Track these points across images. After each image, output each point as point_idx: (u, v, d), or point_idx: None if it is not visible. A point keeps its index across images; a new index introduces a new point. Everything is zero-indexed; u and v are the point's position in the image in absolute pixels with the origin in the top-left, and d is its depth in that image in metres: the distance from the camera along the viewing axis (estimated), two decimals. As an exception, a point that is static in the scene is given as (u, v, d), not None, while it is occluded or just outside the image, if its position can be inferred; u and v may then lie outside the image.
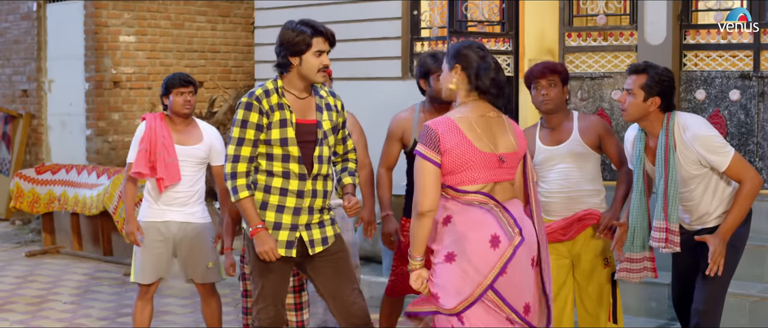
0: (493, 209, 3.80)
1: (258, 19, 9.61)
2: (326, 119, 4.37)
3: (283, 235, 4.31)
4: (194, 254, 5.45)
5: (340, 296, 4.40)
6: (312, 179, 4.32)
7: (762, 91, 6.48)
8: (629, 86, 4.41)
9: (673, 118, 4.39)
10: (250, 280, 5.23)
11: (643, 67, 4.44)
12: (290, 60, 4.31)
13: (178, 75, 5.41)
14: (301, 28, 4.30)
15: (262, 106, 4.27)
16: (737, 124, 6.57)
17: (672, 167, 4.36)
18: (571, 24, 7.33)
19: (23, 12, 11.73)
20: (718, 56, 6.69)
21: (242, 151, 4.26)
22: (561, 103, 4.83)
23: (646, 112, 4.40)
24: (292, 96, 4.34)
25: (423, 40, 8.29)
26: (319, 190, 4.35)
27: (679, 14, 6.76)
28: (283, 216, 4.30)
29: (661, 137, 4.39)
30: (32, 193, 9.40)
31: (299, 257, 4.38)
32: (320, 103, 4.39)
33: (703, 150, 4.31)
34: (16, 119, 11.59)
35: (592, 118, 4.94)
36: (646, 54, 6.83)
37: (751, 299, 5.77)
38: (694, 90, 6.75)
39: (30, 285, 7.98)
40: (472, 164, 3.78)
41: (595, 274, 4.88)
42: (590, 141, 4.82)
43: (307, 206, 4.33)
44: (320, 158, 4.34)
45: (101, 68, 10.67)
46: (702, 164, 4.35)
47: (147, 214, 5.44)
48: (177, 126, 5.42)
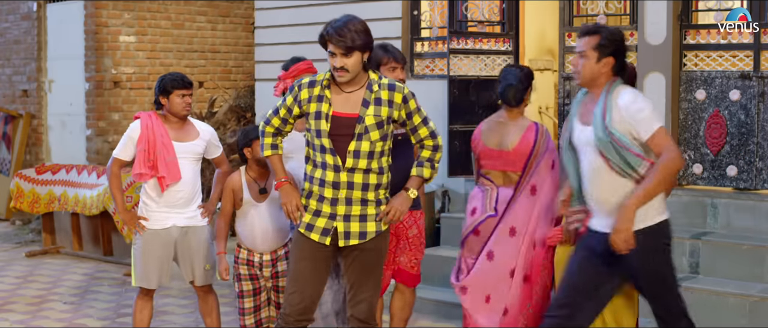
0: (486, 190, 5.14)
1: (258, 19, 9.62)
2: (370, 114, 4.38)
3: (320, 222, 4.44)
4: (194, 256, 5.45)
5: (356, 290, 4.52)
6: (347, 171, 4.38)
7: (762, 91, 6.48)
8: (582, 48, 4.31)
9: (615, 86, 4.30)
10: (244, 280, 5.26)
11: (595, 28, 4.34)
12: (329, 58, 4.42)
13: (178, 76, 5.40)
14: (323, 31, 4.43)
15: (299, 95, 4.47)
16: (737, 124, 6.57)
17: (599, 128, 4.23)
18: (571, 24, 7.33)
19: (23, 12, 11.73)
20: (718, 56, 6.69)
21: (274, 119, 4.58)
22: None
23: (599, 74, 4.31)
24: (338, 89, 4.42)
25: (423, 41, 8.29)
26: (357, 183, 4.39)
27: (679, 14, 6.76)
28: (322, 205, 4.44)
29: (600, 100, 4.29)
30: (32, 193, 9.40)
31: (335, 247, 4.47)
32: (369, 98, 4.40)
33: (632, 117, 4.19)
34: (17, 119, 11.59)
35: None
36: (647, 54, 6.84)
37: (751, 299, 5.77)
38: (695, 90, 6.75)
39: (30, 285, 7.98)
40: (481, 155, 5.15)
41: None
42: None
43: (344, 198, 4.40)
44: (356, 153, 4.37)
45: (101, 68, 10.67)
46: (632, 136, 4.21)
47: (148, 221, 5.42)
48: (173, 124, 5.42)
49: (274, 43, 9.29)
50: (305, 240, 4.48)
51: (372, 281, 4.54)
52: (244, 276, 5.25)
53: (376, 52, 5.11)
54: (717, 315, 5.86)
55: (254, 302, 5.27)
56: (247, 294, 5.26)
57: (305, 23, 8.94)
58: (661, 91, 6.80)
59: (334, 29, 4.35)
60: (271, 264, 5.20)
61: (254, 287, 5.26)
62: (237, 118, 10.37)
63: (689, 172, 6.81)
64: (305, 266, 4.47)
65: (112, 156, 5.45)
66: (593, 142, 4.28)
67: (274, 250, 5.21)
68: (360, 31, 4.37)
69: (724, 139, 6.63)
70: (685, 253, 6.31)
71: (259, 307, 5.29)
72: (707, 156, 6.72)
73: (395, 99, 4.43)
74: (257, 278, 5.24)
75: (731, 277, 6.12)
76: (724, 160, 6.65)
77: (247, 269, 5.24)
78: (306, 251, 4.47)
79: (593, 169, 4.32)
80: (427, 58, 8.19)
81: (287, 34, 9.18)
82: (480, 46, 7.85)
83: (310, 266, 4.47)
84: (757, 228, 6.37)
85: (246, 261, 5.24)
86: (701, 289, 5.96)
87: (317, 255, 4.48)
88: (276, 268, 5.21)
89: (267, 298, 5.30)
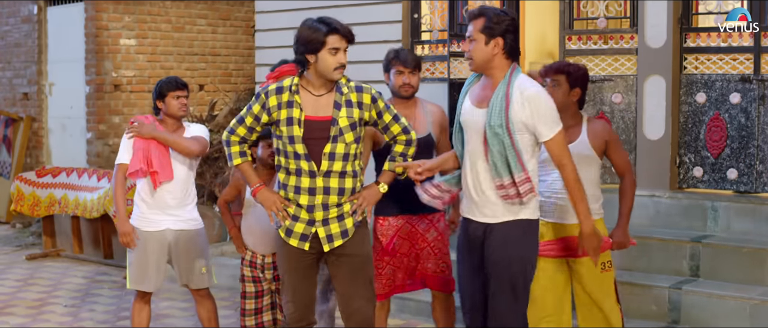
0: None
1: (258, 23, 9.62)
2: (343, 116, 4.37)
3: (298, 227, 4.42)
4: (189, 259, 5.47)
5: (348, 298, 4.48)
6: (323, 176, 4.35)
7: (762, 94, 6.48)
8: (470, 33, 4.26)
9: (517, 74, 4.23)
10: (247, 282, 5.28)
11: (480, 11, 4.27)
12: (307, 58, 4.34)
13: (172, 79, 5.45)
14: (317, 26, 4.32)
15: (267, 102, 4.39)
16: (737, 127, 6.57)
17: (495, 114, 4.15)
18: (571, 27, 7.33)
19: (24, 15, 11.74)
20: (718, 59, 6.69)
21: (239, 128, 4.49)
22: (565, 105, 4.70)
23: (491, 56, 4.22)
24: (307, 93, 4.38)
25: (423, 44, 8.29)
26: (333, 187, 4.37)
27: (679, 17, 6.76)
28: (301, 211, 4.41)
29: (501, 85, 4.20)
30: (33, 196, 9.40)
31: (318, 252, 4.45)
32: (340, 100, 4.38)
33: (534, 112, 4.13)
34: (17, 122, 11.60)
35: (602, 123, 4.85)
36: (647, 57, 6.85)
37: (752, 302, 5.77)
38: (695, 93, 6.75)
39: (30, 288, 7.98)
40: None
41: (597, 282, 4.80)
42: (597, 145, 4.76)
43: (321, 203, 4.38)
44: (331, 155, 4.35)
45: (102, 71, 10.68)
46: (526, 128, 4.15)
47: (142, 223, 5.43)
48: (168, 128, 5.45)
49: (274, 47, 9.28)
50: (288, 248, 4.46)
51: (362, 289, 4.49)
52: (247, 278, 5.27)
53: (387, 55, 5.18)
54: (717, 318, 5.85)
55: (256, 304, 5.28)
56: (250, 296, 5.28)
57: (306, 26, 8.94)
58: (662, 94, 6.80)
59: (341, 25, 4.36)
60: (272, 266, 5.21)
61: (256, 289, 5.27)
62: (237, 121, 10.37)
63: (690, 175, 6.81)
64: (292, 277, 4.49)
65: (116, 163, 5.47)
66: (482, 126, 4.19)
67: (274, 252, 5.21)
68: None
69: (724, 143, 6.63)
70: (686, 256, 6.31)
71: (261, 310, 5.29)
72: (707, 159, 6.72)
73: (364, 100, 4.42)
74: (260, 281, 5.25)
75: (731, 280, 6.11)
76: (724, 163, 6.65)
77: (251, 271, 5.26)
78: (291, 261, 4.47)
79: (473, 153, 4.26)
80: (428, 61, 8.19)
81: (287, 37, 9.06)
82: (480, 49, 7.84)
83: (296, 276, 4.48)
84: (757, 231, 6.37)
85: (249, 263, 5.26)
86: (701, 292, 5.96)
87: (301, 264, 4.47)
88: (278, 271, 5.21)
89: (271, 301, 5.31)
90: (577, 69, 4.78)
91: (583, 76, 4.79)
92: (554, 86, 4.71)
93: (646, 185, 6.81)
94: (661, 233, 6.54)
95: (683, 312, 5.99)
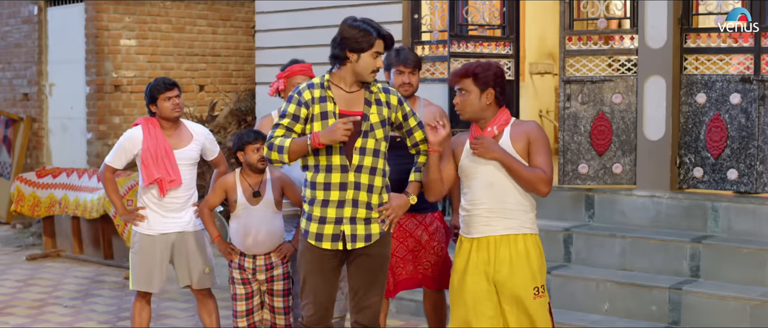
0: None
1: (259, 23, 9.62)
2: (374, 112, 4.40)
3: (328, 229, 4.40)
4: (191, 260, 5.48)
5: (362, 294, 4.52)
6: (354, 170, 4.36)
7: (762, 94, 6.48)
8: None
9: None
10: (237, 284, 5.27)
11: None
12: (348, 55, 4.36)
13: (161, 81, 5.42)
14: (367, 28, 4.37)
15: (302, 98, 4.38)
16: (738, 127, 6.57)
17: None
18: (571, 27, 7.33)
19: (24, 15, 11.74)
20: (718, 60, 6.69)
21: (276, 131, 4.38)
22: (478, 110, 4.35)
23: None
24: (339, 89, 4.41)
25: (424, 44, 8.29)
26: (363, 183, 4.38)
27: (679, 18, 6.76)
28: (328, 210, 4.39)
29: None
30: (33, 196, 9.40)
31: (342, 251, 4.46)
32: (369, 98, 4.43)
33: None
34: (17, 123, 11.59)
35: (528, 123, 4.42)
36: (647, 57, 6.85)
37: (752, 302, 5.77)
38: (695, 94, 6.75)
39: (31, 289, 7.98)
40: None
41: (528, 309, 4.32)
42: (521, 148, 4.32)
43: (351, 199, 4.38)
44: (362, 150, 4.36)
45: (102, 72, 10.68)
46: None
47: (144, 226, 5.44)
48: (167, 131, 5.45)
49: (274, 47, 9.30)
50: (314, 250, 4.45)
51: (377, 287, 4.54)
52: (237, 280, 5.27)
53: (389, 55, 5.19)
54: (718, 319, 5.86)
55: (246, 305, 5.29)
56: (240, 298, 5.28)
57: (305, 27, 8.95)
58: (662, 94, 6.80)
59: (387, 31, 4.44)
60: (265, 269, 5.21)
61: (246, 291, 5.27)
62: (238, 121, 10.37)
63: (690, 175, 6.81)
64: (315, 278, 4.48)
65: (104, 163, 5.47)
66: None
67: (267, 254, 5.21)
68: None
69: (724, 143, 6.63)
70: (686, 256, 6.31)
71: (252, 311, 5.31)
72: (708, 160, 6.72)
73: (391, 101, 4.48)
74: (249, 283, 5.25)
75: (732, 280, 6.12)
76: (724, 163, 6.65)
77: (240, 273, 5.25)
78: (315, 262, 4.46)
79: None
80: (428, 61, 8.19)
81: (287, 37, 9.18)
82: (480, 50, 7.85)
83: (320, 277, 4.48)
84: (757, 232, 6.37)
85: (238, 265, 5.25)
86: (702, 293, 5.96)
87: (326, 266, 4.48)
88: (272, 272, 5.22)
89: (260, 302, 5.32)
90: (485, 68, 4.35)
91: (495, 74, 4.34)
92: (463, 95, 4.36)
93: (646, 186, 6.82)
94: (662, 234, 6.54)
95: (683, 312, 5.99)
